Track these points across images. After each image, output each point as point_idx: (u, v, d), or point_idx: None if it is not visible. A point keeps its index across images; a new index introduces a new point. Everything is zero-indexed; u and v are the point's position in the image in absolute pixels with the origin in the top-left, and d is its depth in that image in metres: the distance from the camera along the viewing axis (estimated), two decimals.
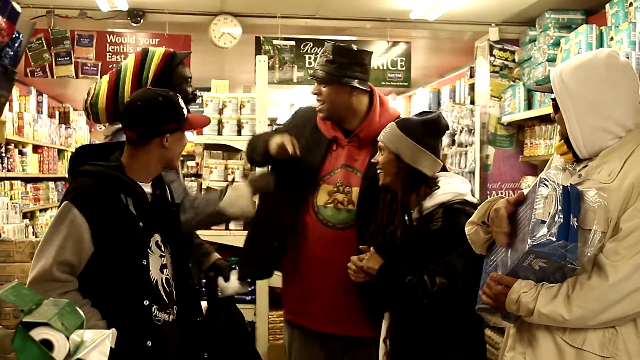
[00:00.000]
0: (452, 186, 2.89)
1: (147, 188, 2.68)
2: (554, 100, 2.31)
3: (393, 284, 2.84)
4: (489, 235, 2.35)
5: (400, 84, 6.67)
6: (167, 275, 2.66)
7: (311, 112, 3.48)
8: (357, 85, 3.27)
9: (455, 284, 2.66)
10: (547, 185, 2.12)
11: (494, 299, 2.22)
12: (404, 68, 6.64)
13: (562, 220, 2.02)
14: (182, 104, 2.69)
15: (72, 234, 2.46)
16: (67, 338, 1.63)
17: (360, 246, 3.00)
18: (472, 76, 6.68)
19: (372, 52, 3.45)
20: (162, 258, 2.66)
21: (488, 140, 6.15)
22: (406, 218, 2.89)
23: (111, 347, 1.74)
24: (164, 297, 2.63)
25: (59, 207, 2.55)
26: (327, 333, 3.36)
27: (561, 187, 2.10)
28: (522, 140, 6.04)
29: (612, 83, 2.21)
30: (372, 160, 3.01)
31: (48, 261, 2.44)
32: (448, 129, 3.03)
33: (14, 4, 1.91)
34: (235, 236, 4.75)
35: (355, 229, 3.23)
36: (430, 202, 2.85)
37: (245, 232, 3.80)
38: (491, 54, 6.16)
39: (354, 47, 3.34)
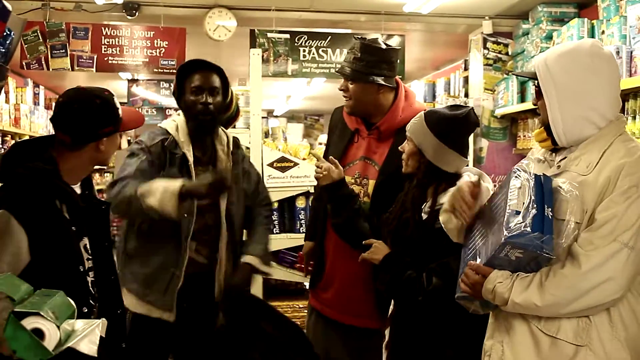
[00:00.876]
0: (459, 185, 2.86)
1: (77, 188, 2.57)
2: (536, 87, 2.33)
3: (393, 274, 2.86)
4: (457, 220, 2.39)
5: None
6: (93, 278, 2.55)
7: (341, 109, 3.58)
8: (383, 83, 3.31)
9: (450, 286, 2.66)
10: (519, 176, 2.15)
11: (471, 287, 2.26)
12: (397, 61, 6.64)
13: (536, 210, 2.05)
14: (117, 104, 2.57)
15: (9, 245, 2.30)
16: (58, 327, 1.67)
17: (364, 241, 3.04)
18: (466, 69, 6.70)
19: (399, 49, 3.47)
20: (89, 261, 2.54)
21: (482, 133, 6.17)
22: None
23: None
24: (91, 298, 2.53)
25: None
26: (344, 323, 3.42)
27: (533, 177, 2.13)
28: (515, 132, 6.07)
29: (596, 72, 2.23)
30: (399, 147, 3.00)
31: None
32: (478, 126, 2.99)
33: (5, 3, 1.93)
34: None
35: None
36: (443, 199, 2.80)
37: None
38: (485, 47, 6.19)
39: (383, 45, 3.36)
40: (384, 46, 3.35)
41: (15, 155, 2.48)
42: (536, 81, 2.32)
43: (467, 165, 2.97)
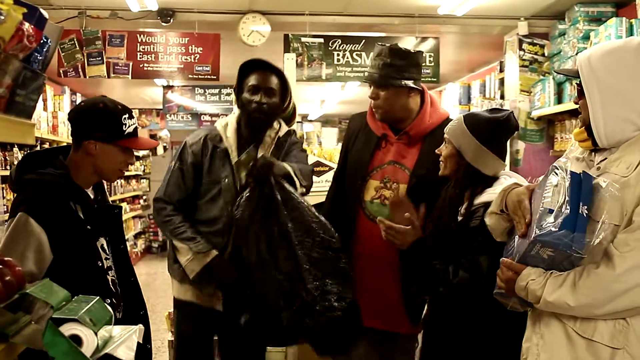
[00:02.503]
0: (505, 186, 2.83)
1: (90, 192, 2.68)
2: (579, 85, 2.27)
3: (418, 261, 2.86)
4: (509, 223, 2.35)
5: (429, 79, 6.65)
6: (113, 276, 2.66)
7: (361, 116, 3.59)
8: (414, 86, 3.31)
9: (477, 282, 2.63)
10: (557, 174, 2.12)
11: (505, 284, 2.24)
12: (432, 64, 6.62)
13: (568, 210, 2.02)
14: (126, 121, 2.63)
15: (32, 244, 2.40)
16: (96, 334, 1.69)
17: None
18: (501, 71, 6.65)
19: (423, 52, 3.46)
20: (107, 260, 2.64)
21: (518, 135, 6.10)
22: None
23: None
24: (113, 297, 2.61)
25: (9, 217, 2.49)
26: (371, 328, 3.41)
27: (570, 175, 2.09)
28: (553, 134, 5.99)
29: None
30: (436, 150, 2.99)
31: None
32: (517, 130, 2.96)
33: (42, 10, 1.95)
34: None
35: None
36: (478, 200, 2.80)
37: None
38: (520, 48, 6.12)
39: (410, 48, 3.38)
40: (412, 50, 3.37)
41: (28, 164, 2.60)
42: (578, 80, 2.27)
43: (504, 169, 2.94)
